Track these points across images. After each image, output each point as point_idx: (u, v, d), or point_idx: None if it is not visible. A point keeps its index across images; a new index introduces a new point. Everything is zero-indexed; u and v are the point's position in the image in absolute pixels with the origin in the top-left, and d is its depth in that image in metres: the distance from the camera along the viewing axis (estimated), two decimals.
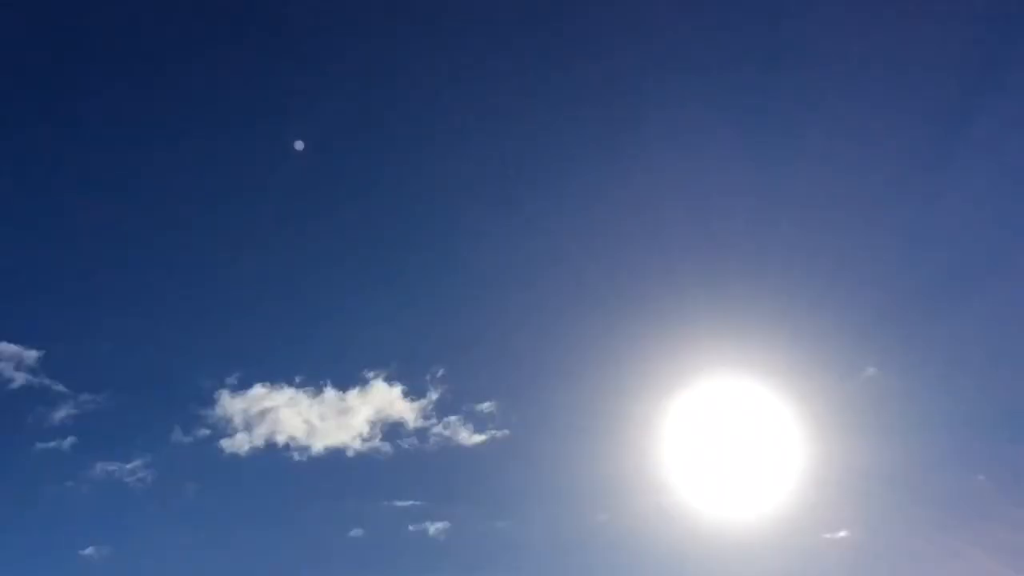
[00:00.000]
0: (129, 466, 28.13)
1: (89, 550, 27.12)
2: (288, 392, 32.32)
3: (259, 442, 30.51)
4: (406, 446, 31.51)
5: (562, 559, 30.10)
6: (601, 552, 30.92)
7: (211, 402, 30.40)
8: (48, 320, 28.93)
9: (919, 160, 21.88)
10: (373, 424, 31.93)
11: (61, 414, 26.65)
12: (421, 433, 31.85)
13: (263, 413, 29.97)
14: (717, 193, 24.79)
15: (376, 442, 32.26)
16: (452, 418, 30.92)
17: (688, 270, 25.15)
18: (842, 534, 31.03)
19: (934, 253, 25.35)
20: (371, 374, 32.50)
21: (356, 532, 30.36)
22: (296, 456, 31.54)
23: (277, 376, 30.65)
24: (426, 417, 32.03)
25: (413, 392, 32.88)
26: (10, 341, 26.89)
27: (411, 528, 30.24)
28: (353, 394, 32.79)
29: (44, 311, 28.56)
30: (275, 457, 30.86)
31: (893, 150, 21.40)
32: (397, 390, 31.36)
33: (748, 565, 30.56)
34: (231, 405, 29.73)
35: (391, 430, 33.03)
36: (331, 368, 31.25)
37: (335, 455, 32.05)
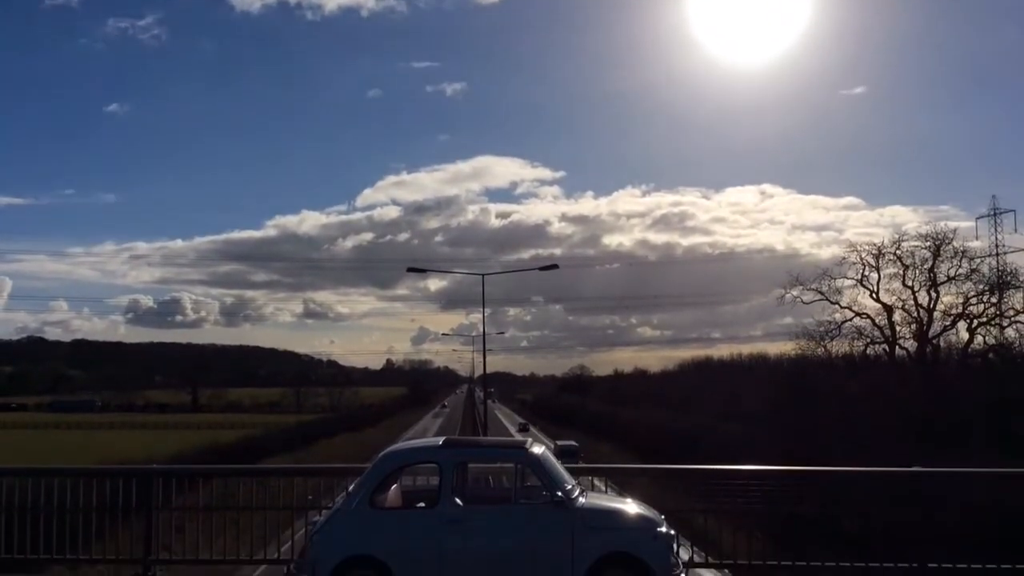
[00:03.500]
0: (142, 23, 27.42)
1: (112, 106, 26.98)
2: None
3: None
4: (422, 5, 30.46)
5: (576, 119, 30.19)
6: (615, 114, 30.54)
7: None
8: None
9: None
10: None
11: None
12: None
13: None
14: None
15: (392, 0, 30.40)
16: None
17: None
18: (859, 90, 30.72)
19: None
20: None
21: (374, 93, 29.65)
22: (309, 15, 30.33)
23: None
24: None
25: None
26: None
27: (428, 89, 29.50)
28: None
29: None
30: (288, 15, 29.90)
31: None
32: None
33: (764, 121, 30.32)
34: None
35: None
36: None
37: (349, 15, 30.76)
